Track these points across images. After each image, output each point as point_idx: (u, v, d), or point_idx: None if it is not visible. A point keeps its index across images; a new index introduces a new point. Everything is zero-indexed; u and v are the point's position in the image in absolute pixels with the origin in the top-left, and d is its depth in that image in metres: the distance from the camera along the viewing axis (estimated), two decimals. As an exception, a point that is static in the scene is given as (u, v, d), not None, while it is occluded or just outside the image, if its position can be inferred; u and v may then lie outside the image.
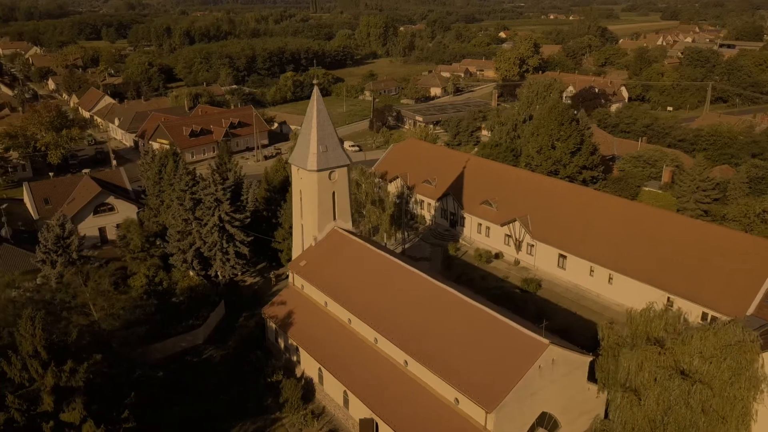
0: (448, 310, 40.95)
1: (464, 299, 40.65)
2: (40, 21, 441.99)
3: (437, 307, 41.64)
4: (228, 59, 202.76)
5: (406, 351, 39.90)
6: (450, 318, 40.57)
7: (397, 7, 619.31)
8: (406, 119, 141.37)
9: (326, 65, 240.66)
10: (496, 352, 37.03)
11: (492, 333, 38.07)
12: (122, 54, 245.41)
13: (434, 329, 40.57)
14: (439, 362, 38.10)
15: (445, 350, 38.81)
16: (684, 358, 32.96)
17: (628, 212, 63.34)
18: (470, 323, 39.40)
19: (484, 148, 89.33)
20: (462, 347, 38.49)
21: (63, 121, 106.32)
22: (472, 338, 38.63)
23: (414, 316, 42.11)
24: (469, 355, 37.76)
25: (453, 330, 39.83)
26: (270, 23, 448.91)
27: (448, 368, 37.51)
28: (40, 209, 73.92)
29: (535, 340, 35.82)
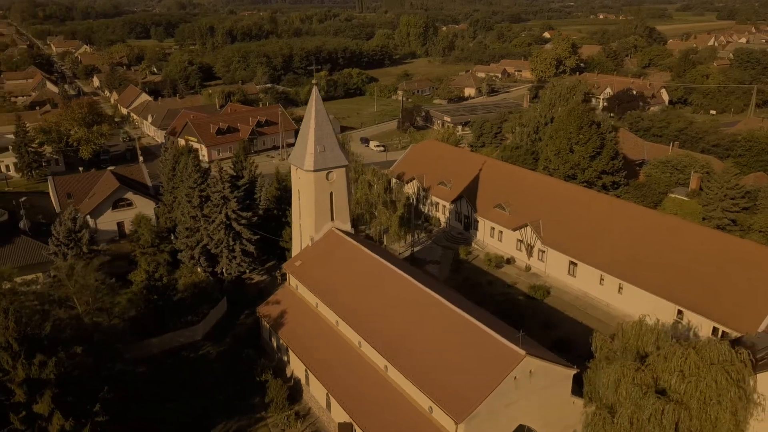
0: (431, 316, 40.14)
1: (447, 305, 39.73)
2: (96, 20, 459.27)
3: (421, 312, 40.89)
4: (265, 58, 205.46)
5: (386, 356, 39.29)
6: (432, 324, 39.76)
7: (442, 7, 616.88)
8: (435, 120, 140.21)
9: (363, 65, 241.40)
10: (472, 361, 36.07)
11: (470, 341, 37.09)
12: (166, 52, 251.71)
13: (415, 335, 39.85)
14: (416, 369, 37.38)
15: (423, 356, 38.06)
16: (664, 375, 31.31)
17: (642, 220, 61.00)
18: (450, 330, 38.51)
19: (505, 150, 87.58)
20: (440, 354, 37.67)
21: (94, 117, 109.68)
22: (451, 345, 37.76)
23: (397, 321, 41.46)
24: (446, 363, 36.91)
25: (433, 336, 39.04)
26: (314, 23, 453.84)
27: (424, 375, 36.74)
28: (62, 203, 76.25)
29: (511, 350, 34.69)
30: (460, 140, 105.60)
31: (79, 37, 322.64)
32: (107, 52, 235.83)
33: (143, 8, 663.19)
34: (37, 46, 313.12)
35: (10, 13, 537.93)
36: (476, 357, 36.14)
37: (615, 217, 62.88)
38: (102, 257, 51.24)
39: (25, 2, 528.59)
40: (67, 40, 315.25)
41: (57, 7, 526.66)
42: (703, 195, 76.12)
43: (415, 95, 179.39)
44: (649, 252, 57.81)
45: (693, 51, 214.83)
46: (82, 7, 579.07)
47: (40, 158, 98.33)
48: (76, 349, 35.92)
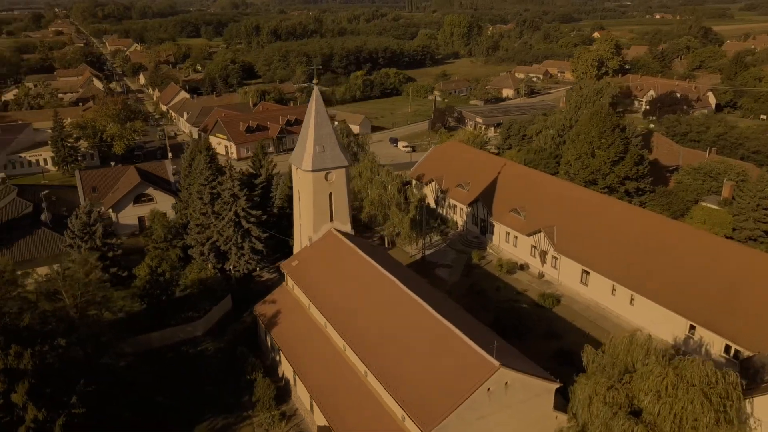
0: (413, 322, 39.33)
1: (429, 311, 38.82)
2: (151, 20, 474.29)
3: (404, 318, 40.14)
4: (305, 57, 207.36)
5: (365, 361, 38.72)
6: (413, 330, 38.97)
7: (492, 6, 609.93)
8: (467, 120, 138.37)
9: (403, 65, 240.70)
10: (447, 370, 35.11)
11: (448, 349, 36.12)
12: (211, 51, 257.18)
13: (396, 341, 39.14)
14: (392, 375, 36.68)
15: (400, 363, 37.33)
16: (640, 395, 29.65)
17: (658, 229, 58.39)
18: (430, 337, 37.62)
19: (528, 153, 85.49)
20: (417, 361, 36.84)
21: (128, 114, 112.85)
22: (429, 353, 36.88)
23: (381, 326, 40.85)
24: (422, 370, 36.07)
25: (413, 343, 38.24)
26: (361, 22, 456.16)
27: (399, 382, 36.02)
28: (87, 196, 78.61)
29: (485, 360, 33.56)
30: (487, 142, 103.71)
31: (132, 36, 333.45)
32: (154, 51, 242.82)
33: (198, 8, 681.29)
34: (93, 45, 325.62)
35: (72, 12, 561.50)
36: (452, 366, 35.16)
37: (630, 225, 60.40)
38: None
39: (86, 2, 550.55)
40: (120, 39, 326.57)
41: (116, 6, 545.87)
42: (735, 204, 72.43)
43: (451, 95, 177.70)
44: (663, 263, 55.26)
45: (749, 52, 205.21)
46: (140, 6, 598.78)
47: (76, 153, 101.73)
48: (59, 341, 36.78)
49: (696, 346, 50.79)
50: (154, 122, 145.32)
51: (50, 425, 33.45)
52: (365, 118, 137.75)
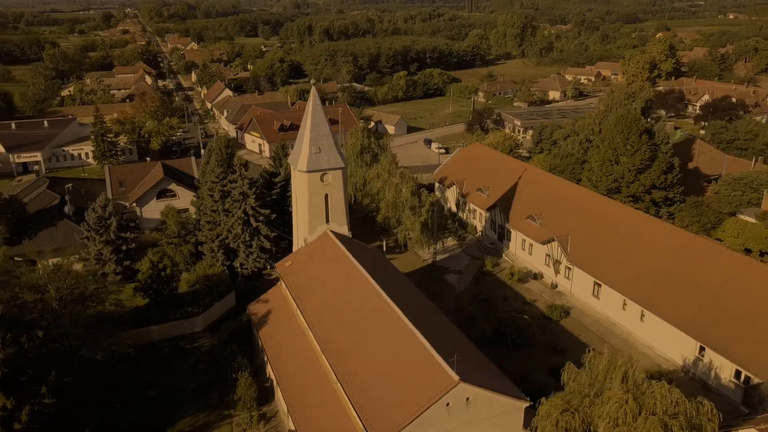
0: (386, 330, 38.37)
1: (402, 319, 37.73)
2: (213, 19, 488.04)
3: (378, 325, 39.23)
4: (351, 57, 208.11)
5: (334, 368, 38.04)
6: (384, 338, 38.01)
7: (553, 6, 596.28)
8: (506, 123, 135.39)
9: (452, 65, 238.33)
10: (410, 381, 34.03)
11: (414, 360, 35.00)
12: (264, 50, 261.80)
13: (366, 348, 38.31)
14: (357, 384, 35.86)
15: (367, 371, 36.47)
16: (596, 421, 27.75)
17: (676, 243, 55.06)
18: (399, 346, 36.56)
19: (555, 158, 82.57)
20: (383, 370, 35.90)
21: (165, 110, 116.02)
22: (396, 362, 35.85)
23: (355, 332, 40.11)
24: (386, 380, 35.12)
25: (382, 351, 37.30)
26: (417, 22, 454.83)
27: (362, 391, 35.16)
28: (114, 190, 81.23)
29: (445, 374, 32.29)
30: (519, 145, 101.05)
31: (192, 35, 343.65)
32: (208, 49, 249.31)
33: (261, 7, 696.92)
34: (153, 43, 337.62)
35: (140, 11, 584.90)
36: (414, 377, 34.06)
37: (646, 237, 57.26)
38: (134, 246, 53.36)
39: (155, 1, 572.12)
40: (180, 38, 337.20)
41: (181, 6, 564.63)
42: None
43: (495, 97, 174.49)
44: (677, 279, 52.07)
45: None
46: (206, 6, 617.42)
47: (114, 148, 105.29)
48: (38, 332, 37.83)
49: (705, 369, 47.62)
50: (198, 119, 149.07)
51: (18, 414, 34.34)
52: (401, 119, 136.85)
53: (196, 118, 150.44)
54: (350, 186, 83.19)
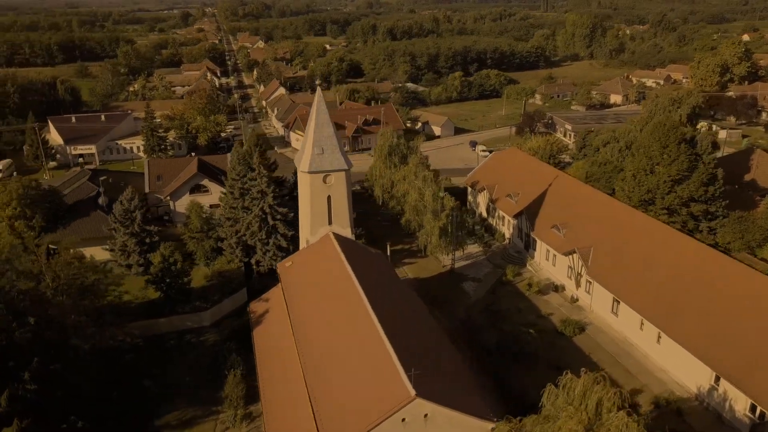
0: (360, 337, 37.52)
1: (376, 328, 36.72)
2: (284, 18, 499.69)
3: (355, 333, 38.42)
4: (409, 57, 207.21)
5: (306, 375, 37.59)
6: (359, 347, 37.17)
7: (633, 6, 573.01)
8: (558, 126, 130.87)
9: (514, 66, 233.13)
10: (373, 392, 33.08)
11: (380, 370, 33.98)
12: (326, 49, 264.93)
13: (340, 355, 37.61)
14: (323, 391, 35.25)
15: (336, 378, 35.78)
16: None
17: (702, 262, 51.11)
18: (370, 356, 35.60)
19: (593, 166, 78.79)
20: (351, 380, 35.08)
21: (213, 107, 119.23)
22: (364, 371, 34.98)
23: (333, 339, 39.49)
24: (351, 391, 34.30)
25: (354, 360, 36.47)
26: (486, 22, 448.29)
27: (326, 399, 34.53)
28: (151, 184, 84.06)
29: (402, 388, 31.12)
30: (563, 150, 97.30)
31: (261, 34, 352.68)
32: (272, 48, 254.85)
33: (335, 7, 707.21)
34: (225, 41, 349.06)
35: (217, 10, 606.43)
36: (377, 388, 33.07)
37: (670, 252, 53.55)
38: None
39: (232, 1, 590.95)
40: (250, 36, 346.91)
41: (256, 6, 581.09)
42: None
43: (552, 99, 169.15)
44: (699, 301, 48.32)
45: None
46: (280, 6, 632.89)
47: (163, 142, 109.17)
48: (29, 319, 39.38)
49: (720, 399, 43.97)
50: (252, 117, 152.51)
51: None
52: (448, 120, 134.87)
53: (249, 115, 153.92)
54: (378, 187, 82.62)
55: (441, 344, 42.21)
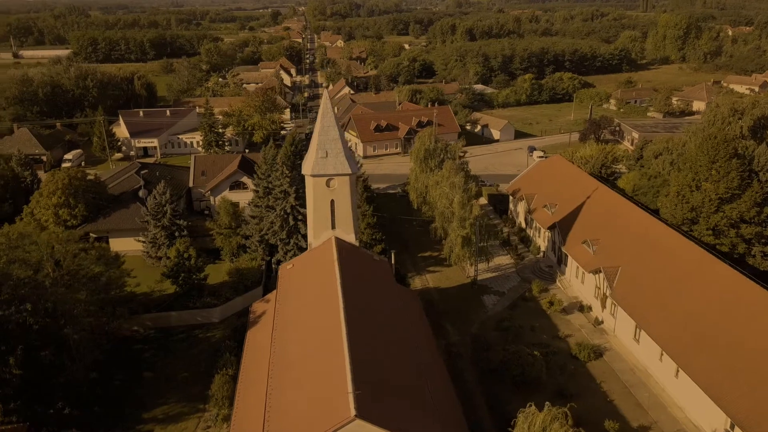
0: (326, 351, 36.41)
1: (342, 341, 35.50)
2: (369, 18, 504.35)
3: (323, 344, 37.37)
4: (482, 58, 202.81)
5: (269, 382, 37.04)
6: (323, 359, 36.08)
7: (743, 6, 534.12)
8: (626, 134, 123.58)
9: (594, 69, 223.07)
10: (321, 406, 31.97)
11: (335, 386, 32.76)
12: (403, 48, 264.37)
13: (305, 366, 36.71)
14: (277, 400, 34.58)
15: (294, 390, 34.96)
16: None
17: (730, 291, 46.12)
18: (330, 370, 34.45)
19: (642, 179, 73.40)
20: (308, 394, 34.12)
21: (269, 105, 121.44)
22: (321, 386, 33.86)
23: (302, 348, 38.66)
24: (305, 404, 33.37)
25: (316, 373, 35.45)
26: (576, 22, 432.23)
27: (278, 409, 33.83)
28: (195, 179, 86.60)
29: (345, 406, 29.79)
30: (619, 160, 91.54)
31: (343, 33, 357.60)
32: (348, 47, 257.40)
33: (424, 6, 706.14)
34: (308, 40, 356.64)
35: (306, 9, 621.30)
36: (326, 403, 31.93)
37: (700, 279, 48.74)
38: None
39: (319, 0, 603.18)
40: (333, 35, 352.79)
41: (344, 5, 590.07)
42: None
43: (628, 105, 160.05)
44: (724, 336, 43.60)
45: None
46: (369, 5, 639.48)
47: (221, 138, 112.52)
48: (26, 305, 41.20)
49: (734, 448, 39.42)
50: (314, 116, 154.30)
51: (-16, 379, 37.73)
52: (508, 124, 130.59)
53: (312, 114, 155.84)
54: (413, 192, 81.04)
55: (426, 363, 40.41)
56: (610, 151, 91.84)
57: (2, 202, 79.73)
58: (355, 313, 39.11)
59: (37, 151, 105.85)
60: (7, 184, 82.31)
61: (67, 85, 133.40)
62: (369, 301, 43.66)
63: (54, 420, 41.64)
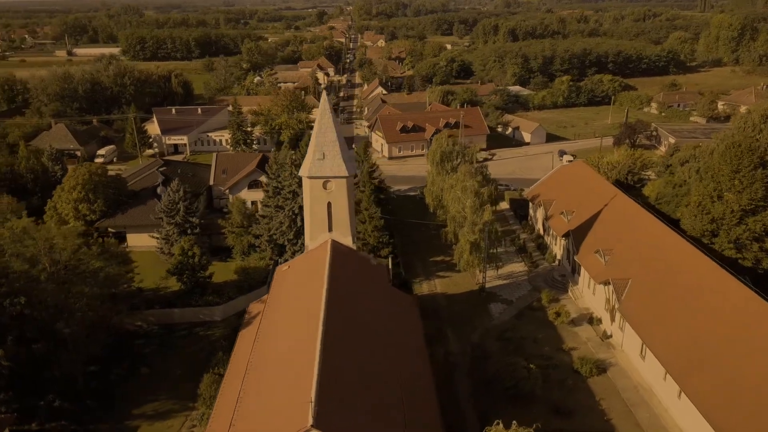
0: (299, 357, 35.89)
1: (315, 348, 34.95)
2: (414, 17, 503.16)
3: (296, 350, 36.87)
4: (521, 59, 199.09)
5: (242, 385, 36.83)
6: (295, 367, 35.56)
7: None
8: (662, 140, 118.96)
9: (639, 72, 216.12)
10: (283, 414, 31.49)
11: (299, 395, 32.22)
12: (445, 48, 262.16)
13: (275, 371, 36.33)
14: (245, 403, 34.41)
15: (262, 396, 34.63)
16: None
17: (749, 315, 43.17)
18: (299, 378, 33.93)
19: (666, 187, 70.21)
20: (275, 401, 33.71)
21: (297, 105, 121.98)
22: (288, 394, 33.39)
23: (277, 353, 38.34)
24: (269, 408, 33.02)
25: (286, 379, 34.98)
26: (626, 22, 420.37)
27: (245, 412, 33.62)
28: (216, 177, 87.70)
29: (303, 414, 29.21)
30: (648, 166, 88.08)
31: (386, 33, 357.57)
32: (387, 47, 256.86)
33: (473, 6, 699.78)
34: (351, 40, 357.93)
35: (353, 9, 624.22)
36: (288, 411, 31.40)
37: (710, 296, 46.05)
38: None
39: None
40: (375, 35, 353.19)
41: (389, 4, 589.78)
42: None
43: (671, 109, 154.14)
44: (729, 358, 41.04)
45: None
46: (416, 5, 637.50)
47: (248, 137, 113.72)
48: (20, 298, 42.24)
49: (731, 478, 36.99)
50: (346, 116, 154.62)
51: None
52: (539, 126, 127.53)
53: (344, 115, 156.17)
54: (428, 195, 79.75)
55: (409, 375, 39.47)
56: (639, 157, 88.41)
57: (32, 195, 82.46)
58: (336, 319, 38.50)
59: (72, 146, 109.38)
60: (37, 178, 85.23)
61: (105, 83, 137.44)
62: (356, 308, 42.97)
63: (44, 411, 42.55)
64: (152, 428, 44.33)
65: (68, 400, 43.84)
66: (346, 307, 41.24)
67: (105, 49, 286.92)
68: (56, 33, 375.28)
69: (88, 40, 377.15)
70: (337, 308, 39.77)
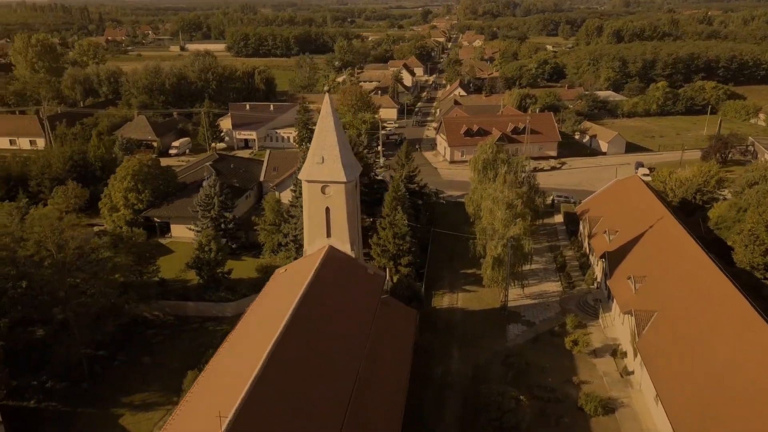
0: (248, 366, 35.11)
1: (261, 359, 34.05)
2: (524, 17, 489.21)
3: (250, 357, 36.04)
4: (619, 62, 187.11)
5: (193, 387, 36.54)
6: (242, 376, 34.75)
7: None
8: (759, 155, 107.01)
9: (757, 79, 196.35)
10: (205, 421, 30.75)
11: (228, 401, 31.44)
12: (540, 49, 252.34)
13: (226, 378, 35.72)
14: (185, 406, 34.11)
15: (199, 397, 34.27)
16: None
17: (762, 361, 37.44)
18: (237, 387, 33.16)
19: (731, 210, 62.53)
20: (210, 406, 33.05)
21: (362, 105, 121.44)
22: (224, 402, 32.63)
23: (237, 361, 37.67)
24: (200, 412, 32.45)
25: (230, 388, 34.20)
26: (757, 22, 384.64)
27: (181, 415, 33.25)
28: (267, 173, 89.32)
29: (215, 428, 28.36)
30: (723, 185, 79.25)
31: (487, 32, 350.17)
32: (480, 48, 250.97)
33: (588, 6, 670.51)
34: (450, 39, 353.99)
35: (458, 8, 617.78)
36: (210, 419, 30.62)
37: (732, 341, 40.17)
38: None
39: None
40: (475, 34, 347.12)
41: (496, 4, 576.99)
42: None
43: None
44: (737, 416, 35.55)
45: None
46: (527, 5, 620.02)
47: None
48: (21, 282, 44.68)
49: None
50: (420, 117, 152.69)
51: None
52: (618, 136, 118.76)
53: (419, 116, 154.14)
54: (469, 204, 76.33)
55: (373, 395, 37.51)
56: (715, 174, 79.64)
57: (98, 182, 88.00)
58: (302, 330, 37.46)
59: (149, 137, 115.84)
60: (105, 167, 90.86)
61: (191, 78, 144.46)
62: (333, 319, 41.49)
63: (36, 391, 44.82)
64: (134, 418, 45.34)
65: (69, 383, 45.97)
66: (316, 316, 39.97)
67: (212, 45, 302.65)
68: (174, 29, 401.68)
69: (201, 36, 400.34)
70: (305, 316, 38.70)
